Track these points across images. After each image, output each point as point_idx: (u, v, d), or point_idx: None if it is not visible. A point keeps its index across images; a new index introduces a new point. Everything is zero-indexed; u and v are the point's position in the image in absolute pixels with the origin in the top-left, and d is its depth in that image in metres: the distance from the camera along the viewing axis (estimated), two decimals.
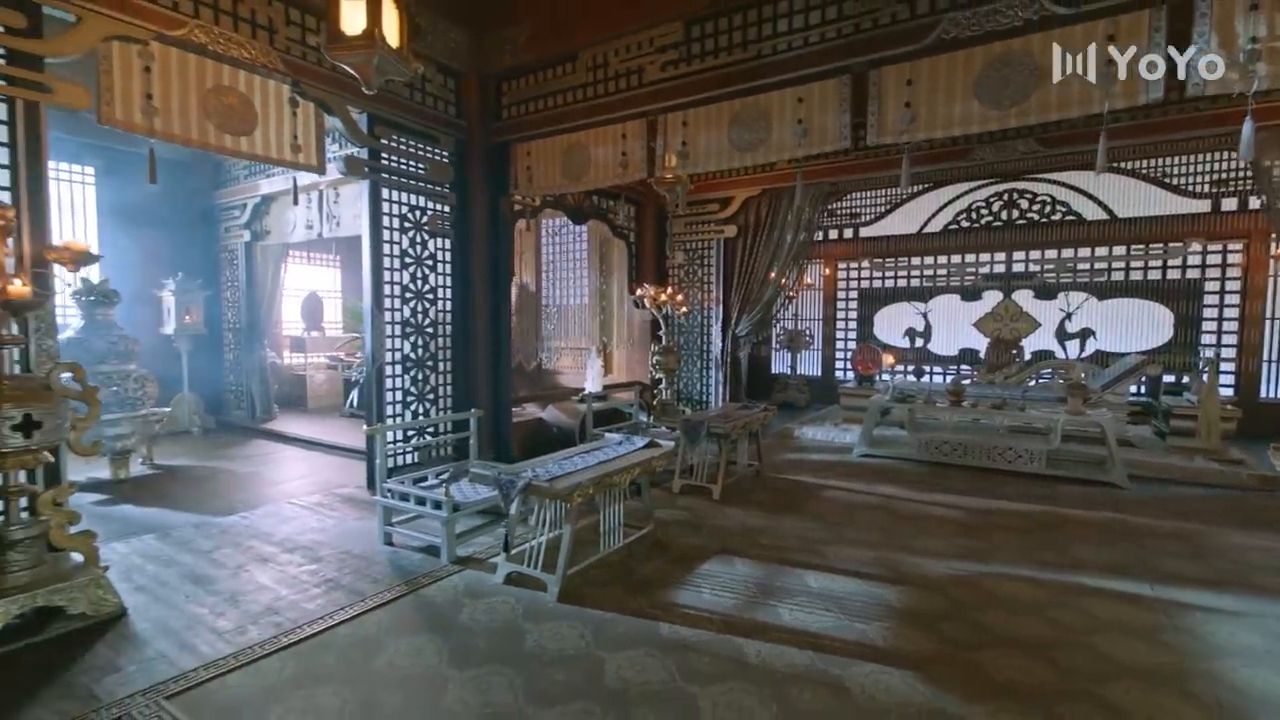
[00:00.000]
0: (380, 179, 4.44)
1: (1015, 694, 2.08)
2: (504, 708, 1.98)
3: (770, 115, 3.92)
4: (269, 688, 2.07)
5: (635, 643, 2.38)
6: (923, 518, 4.00)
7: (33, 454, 2.40)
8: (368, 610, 2.62)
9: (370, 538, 3.48)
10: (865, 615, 2.63)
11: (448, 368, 5.01)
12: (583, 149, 4.72)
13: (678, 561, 3.22)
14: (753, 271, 6.76)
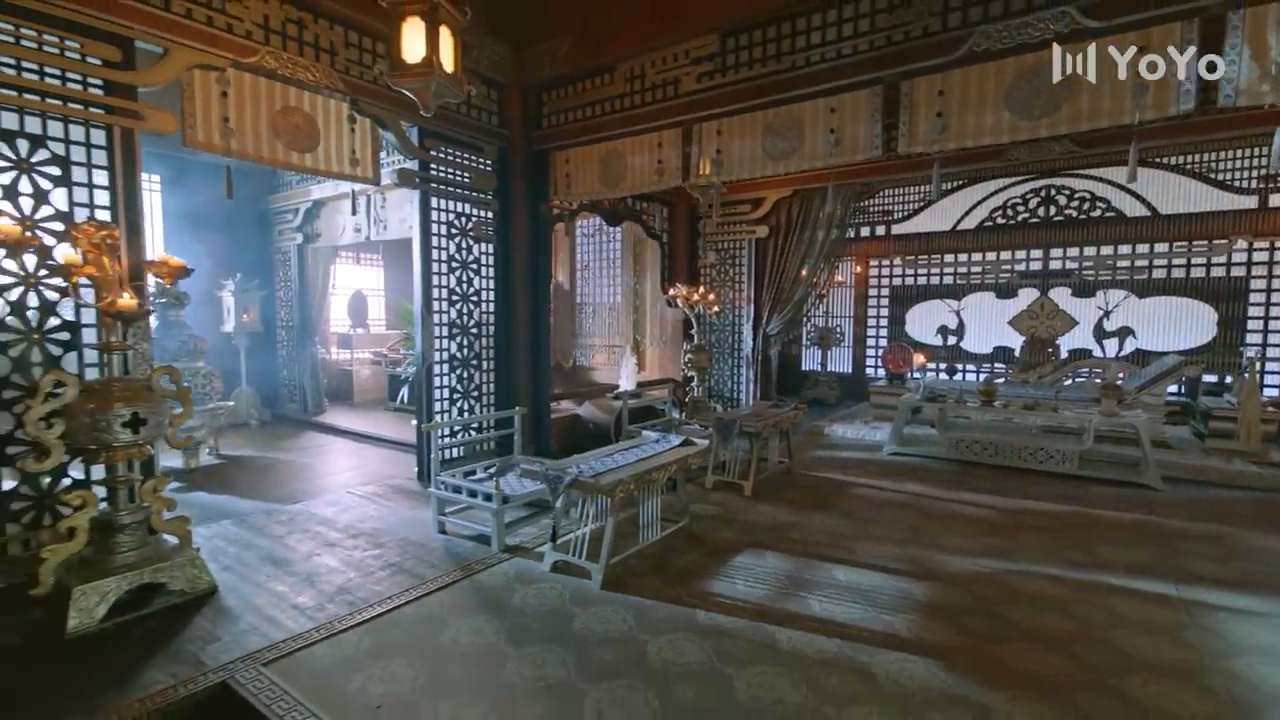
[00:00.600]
0: (429, 188, 4.70)
1: (1034, 684, 2.22)
2: (558, 681, 2.20)
3: (803, 124, 4.04)
4: (349, 658, 2.33)
5: (674, 627, 2.58)
6: (950, 516, 4.10)
7: (139, 448, 2.70)
8: (429, 592, 2.88)
9: (425, 526, 3.75)
10: (891, 608, 2.77)
11: (491, 366, 5.27)
12: (620, 157, 4.90)
13: (712, 554, 3.40)
14: (784, 271, 6.86)
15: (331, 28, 3.94)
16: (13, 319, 2.87)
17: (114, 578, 2.58)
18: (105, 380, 2.65)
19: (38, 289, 2.93)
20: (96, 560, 2.64)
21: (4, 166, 2.84)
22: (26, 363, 2.90)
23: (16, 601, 2.61)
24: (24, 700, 2.05)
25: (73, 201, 3.01)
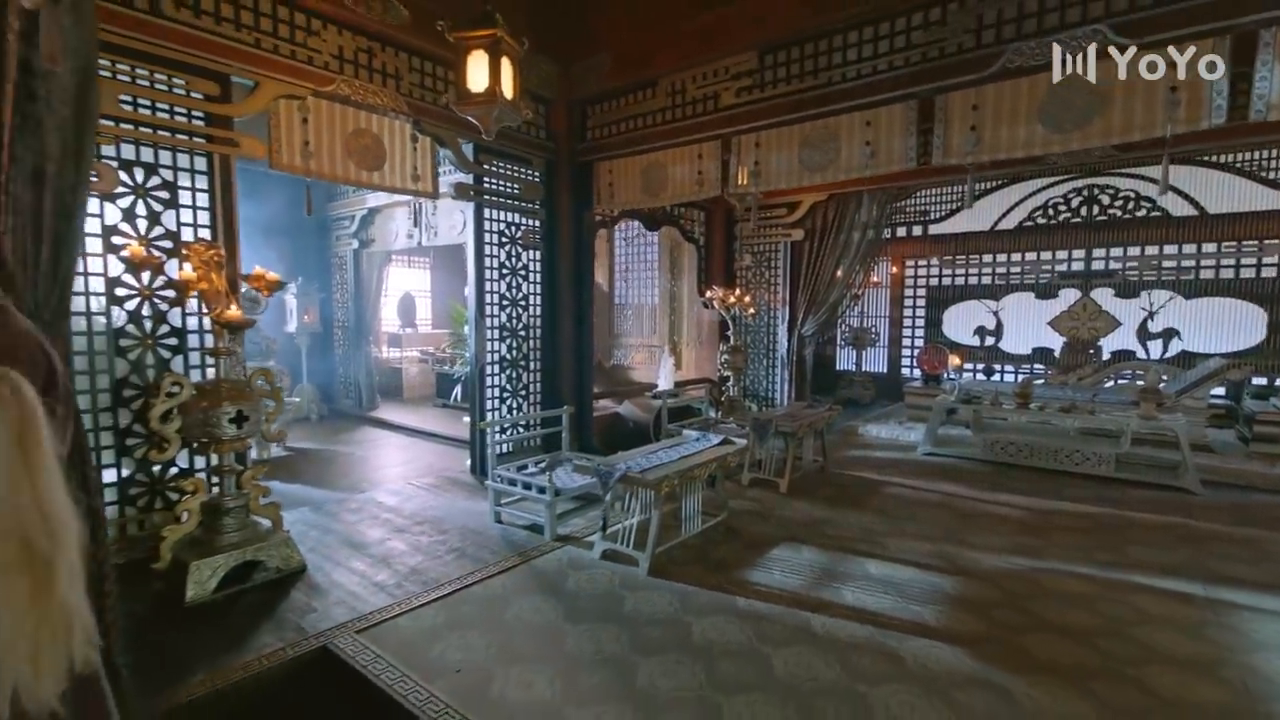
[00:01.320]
0: (483, 200, 5.01)
1: (1055, 671, 2.38)
2: (613, 654, 2.46)
3: (839, 137, 4.21)
4: (429, 629, 2.63)
5: (716, 611, 2.81)
6: (983, 515, 4.22)
7: (241, 441, 3.06)
8: (492, 575, 3.17)
9: (482, 516, 4.06)
10: (921, 599, 2.95)
11: (537, 367, 5.57)
12: (661, 167, 5.13)
13: (749, 546, 3.62)
14: (819, 274, 6.99)
15: (396, 55, 4.27)
16: (131, 326, 3.26)
17: (222, 555, 2.94)
18: (214, 381, 3.02)
19: (151, 300, 3.31)
20: (206, 540, 3.01)
21: (124, 192, 3.23)
22: (142, 365, 3.30)
23: (139, 575, 2.99)
24: (164, 658, 2.40)
25: (180, 222, 3.39)
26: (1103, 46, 3.14)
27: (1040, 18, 3.35)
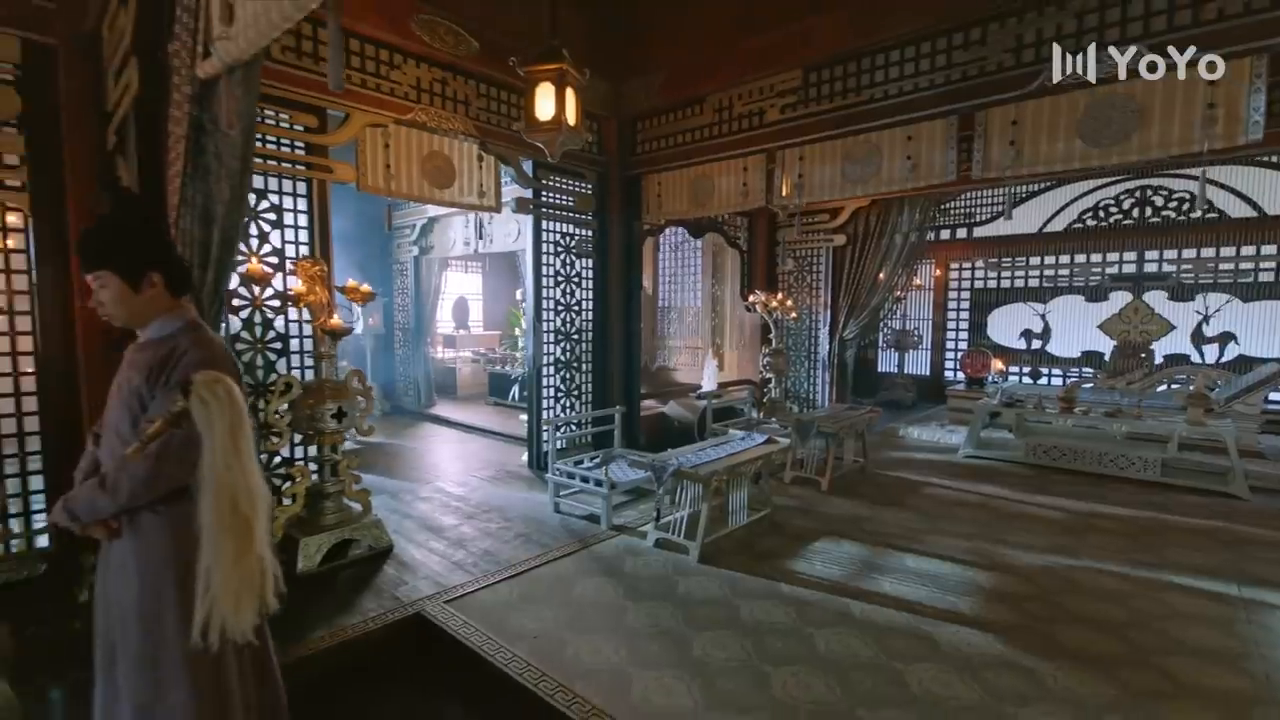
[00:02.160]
0: (541, 213, 5.37)
1: (1082, 658, 2.56)
2: (670, 628, 2.75)
3: (881, 151, 4.39)
4: (506, 602, 2.98)
5: (762, 595, 3.07)
6: (1021, 516, 4.35)
7: (339, 435, 3.48)
8: (557, 558, 3.51)
9: (542, 506, 4.41)
10: (956, 590, 3.15)
11: (589, 369, 5.91)
12: (708, 179, 5.40)
13: (792, 539, 3.86)
14: (861, 279, 7.13)
15: (466, 82, 4.65)
16: (244, 332, 3.72)
17: (325, 533, 3.36)
18: (319, 381, 3.44)
19: (261, 309, 3.77)
20: (310, 520, 3.44)
21: None
22: (253, 366, 3.76)
23: None
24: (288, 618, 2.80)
25: (284, 240, 3.84)
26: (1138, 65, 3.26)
27: (1079, 38, 3.47)
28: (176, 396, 1.59)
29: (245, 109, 2.11)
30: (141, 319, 1.74)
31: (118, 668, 1.71)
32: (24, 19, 2.86)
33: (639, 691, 2.29)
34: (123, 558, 1.69)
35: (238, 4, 1.84)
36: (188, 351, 1.69)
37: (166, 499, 1.66)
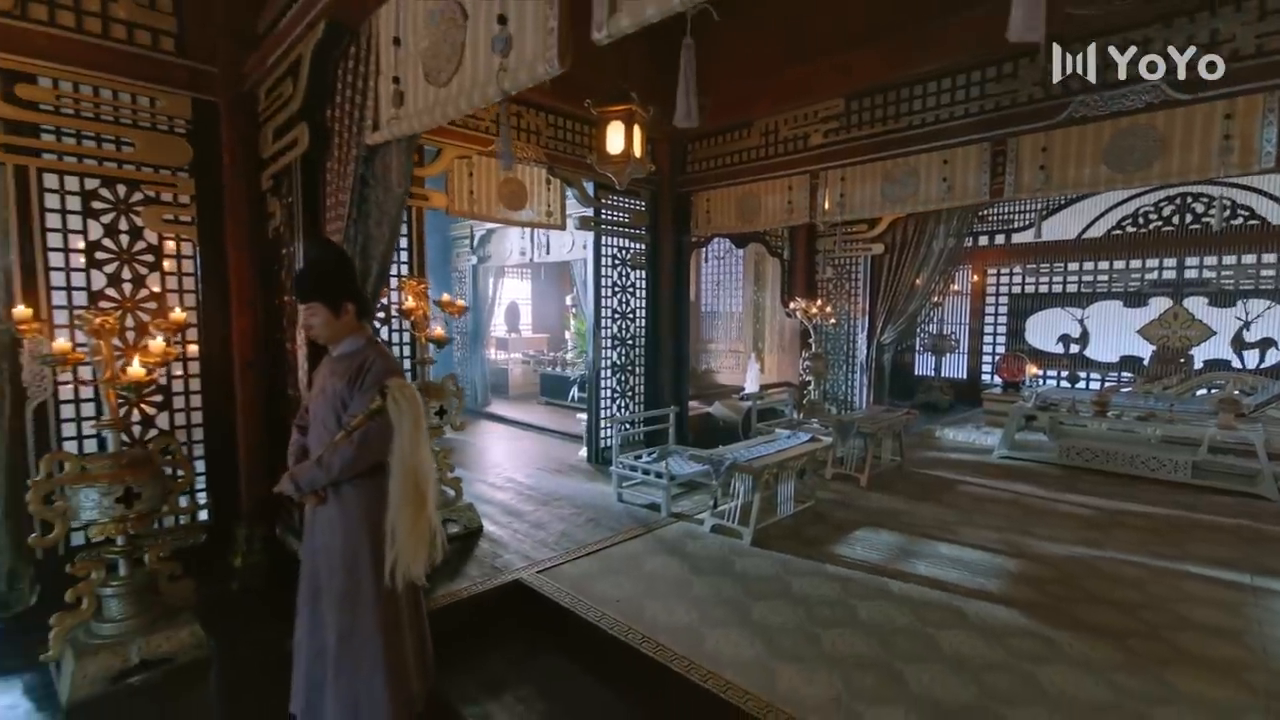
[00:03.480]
0: (601, 229, 5.88)
1: (1097, 630, 2.91)
2: (731, 597, 3.21)
3: (918, 173, 4.76)
4: (587, 574, 3.47)
5: (809, 574, 3.50)
6: (1051, 513, 4.66)
7: (439, 430, 4.03)
8: (625, 540, 3.99)
9: (605, 496, 4.91)
10: (985, 574, 3.52)
11: (642, 372, 6.38)
12: (754, 197, 5.82)
13: (834, 528, 4.26)
14: (898, 286, 7.44)
15: (537, 115, 5.17)
16: None
17: None
18: (422, 383, 4.00)
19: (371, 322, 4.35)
20: None
21: None
22: None
23: None
24: None
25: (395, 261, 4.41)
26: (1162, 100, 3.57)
27: (1104, 73, 3.80)
28: (375, 396, 2.13)
29: (407, 170, 2.65)
30: (337, 338, 2.28)
31: (322, 602, 2.24)
32: (194, 82, 3.47)
33: (710, 644, 2.75)
34: (329, 518, 2.23)
35: (408, 93, 2.36)
36: (376, 362, 2.22)
37: (362, 474, 2.19)
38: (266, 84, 3.34)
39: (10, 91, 2.99)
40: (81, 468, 2.69)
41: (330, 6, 2.56)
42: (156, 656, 2.78)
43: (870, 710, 2.31)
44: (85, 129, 3.20)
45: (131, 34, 3.28)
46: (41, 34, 3.03)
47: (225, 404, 3.68)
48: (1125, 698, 2.40)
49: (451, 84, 2.12)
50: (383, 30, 2.49)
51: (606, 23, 1.60)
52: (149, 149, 3.36)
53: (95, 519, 2.70)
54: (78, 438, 3.25)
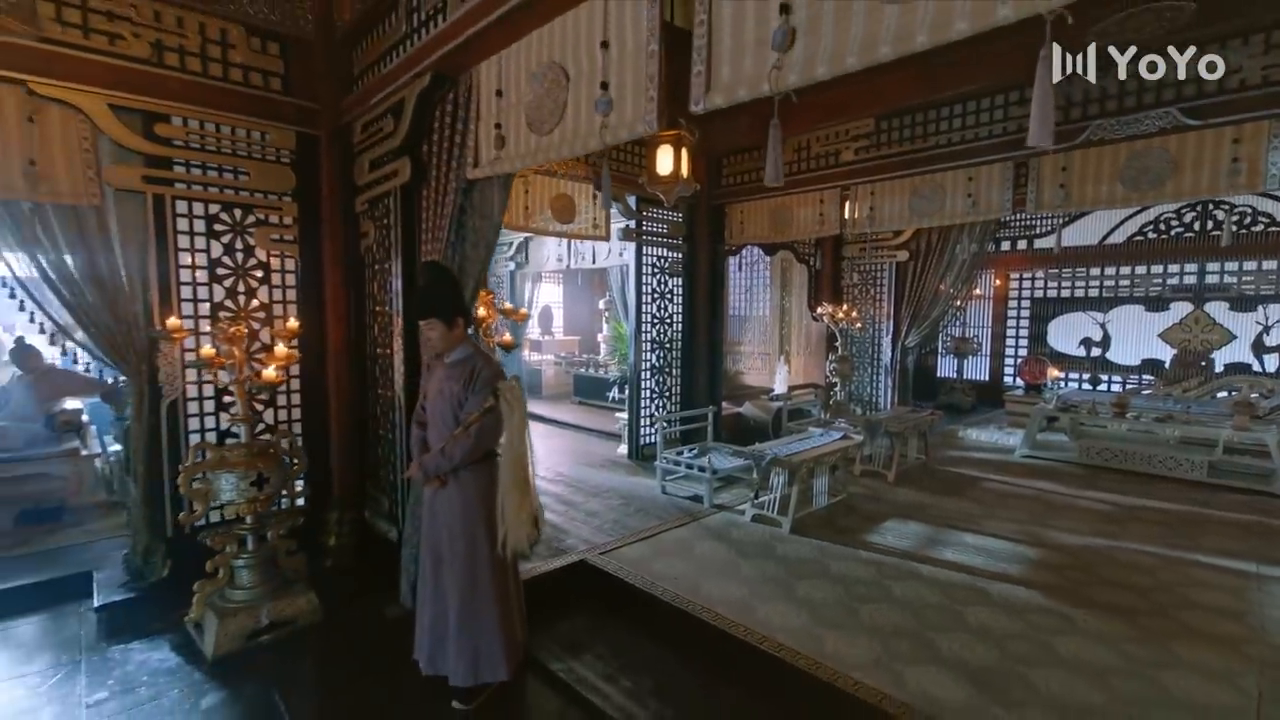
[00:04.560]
0: (642, 240, 6.27)
1: (1109, 609, 3.23)
2: (776, 577, 3.57)
3: (944, 188, 5.08)
4: (643, 557, 3.86)
5: (845, 558, 3.86)
6: (1070, 508, 4.95)
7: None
8: (674, 527, 4.38)
9: (650, 488, 5.29)
10: (1007, 560, 3.84)
11: (678, 373, 6.76)
12: (787, 209, 6.18)
13: (865, 519, 4.61)
14: (922, 292, 7.73)
15: None
16: None
17: None
18: None
19: None
20: None
21: None
22: None
23: None
24: None
25: None
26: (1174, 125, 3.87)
27: (1120, 99, 4.10)
28: (488, 396, 2.54)
29: (504, 200, 3.07)
30: (450, 347, 2.69)
31: (443, 570, 2.66)
32: (299, 118, 3.92)
33: (762, 614, 3.12)
34: (448, 498, 2.64)
35: (509, 138, 2.77)
36: (484, 368, 2.63)
37: (476, 461, 2.60)
38: (363, 119, 3.78)
39: (150, 130, 3.45)
40: (221, 456, 3.14)
41: (437, 61, 2.98)
42: (281, 619, 3.23)
43: (907, 669, 2.67)
44: (209, 161, 3.66)
45: (247, 76, 3.73)
46: (174, 79, 3.49)
47: (320, 402, 4.14)
48: (1133, 663, 2.73)
49: (554, 134, 2.52)
50: (484, 82, 2.90)
51: (704, 99, 1.99)
52: (260, 177, 3.82)
53: (232, 499, 3.16)
54: (200, 430, 3.72)
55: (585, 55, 2.33)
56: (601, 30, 2.24)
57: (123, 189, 3.42)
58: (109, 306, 3.44)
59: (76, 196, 3.30)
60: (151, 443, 3.58)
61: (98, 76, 3.25)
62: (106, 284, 3.45)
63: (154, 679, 2.85)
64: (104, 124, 3.29)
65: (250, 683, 2.83)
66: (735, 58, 1.88)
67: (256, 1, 3.70)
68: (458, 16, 2.77)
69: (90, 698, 2.71)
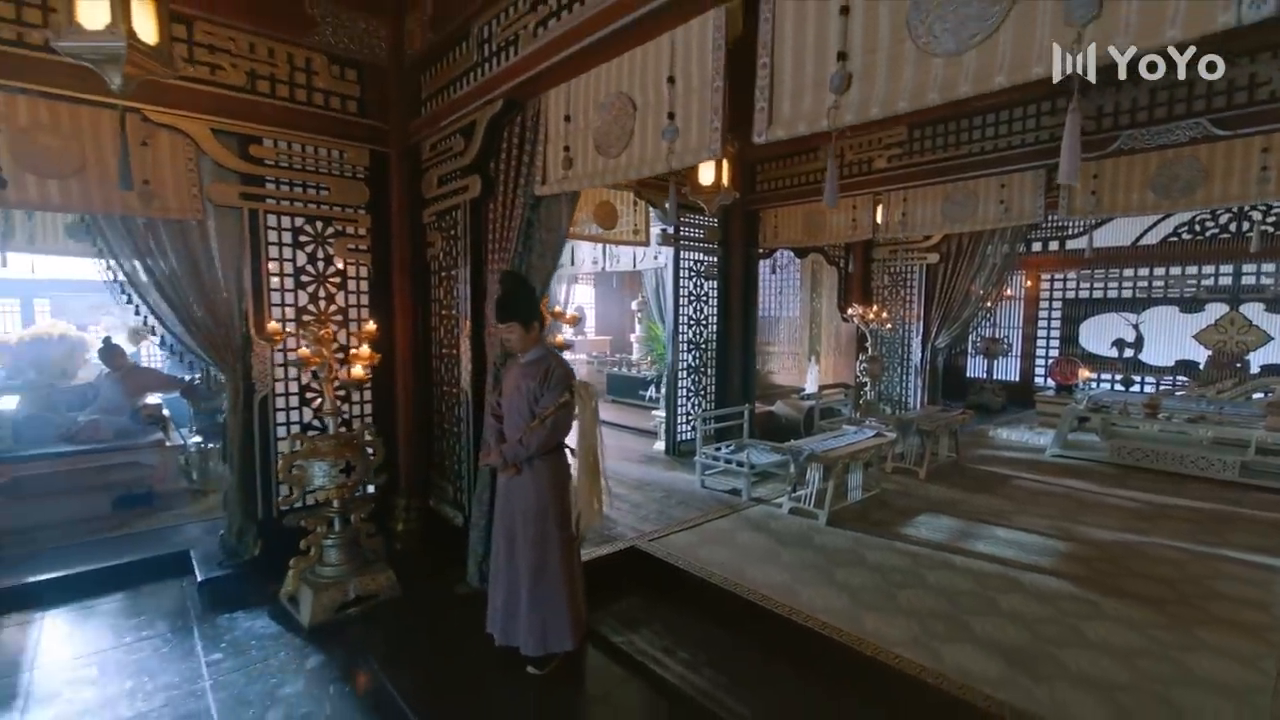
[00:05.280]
0: (680, 245, 6.53)
1: (1137, 597, 3.41)
2: (815, 564, 3.81)
3: (977, 195, 5.24)
4: (690, 544, 4.13)
5: (881, 548, 4.07)
6: (1100, 505, 5.09)
7: None
8: (716, 518, 4.63)
9: (689, 482, 5.56)
10: (1038, 553, 4.02)
11: (713, 373, 7.01)
12: (820, 214, 6.38)
13: (898, 513, 4.81)
14: (952, 293, 7.85)
15: None
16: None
17: None
18: None
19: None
20: None
21: None
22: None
23: None
24: None
25: None
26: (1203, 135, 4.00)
27: (1151, 110, 4.23)
28: (564, 392, 2.83)
29: (569, 214, 3.36)
30: (526, 348, 2.99)
31: (515, 550, 2.95)
32: (371, 137, 4.26)
33: (805, 597, 3.37)
34: (522, 484, 2.93)
35: (577, 159, 3.06)
36: (557, 367, 2.93)
37: (549, 451, 2.89)
38: (432, 139, 4.11)
39: (246, 151, 3.82)
40: (314, 446, 3.49)
41: (508, 89, 3.28)
42: (366, 593, 3.57)
43: (944, 646, 2.89)
44: (295, 178, 4.02)
45: (327, 100, 4.08)
46: (266, 104, 3.85)
47: (388, 398, 4.48)
48: (1158, 646, 2.92)
49: (621, 157, 2.79)
50: (552, 107, 3.19)
51: (766, 131, 2.24)
52: (339, 192, 4.17)
53: (323, 485, 3.50)
54: (286, 424, 4.08)
55: (652, 88, 2.60)
56: (669, 67, 2.51)
57: (222, 205, 3.79)
58: (209, 310, 3.82)
59: (183, 212, 3.68)
60: (245, 434, 3.95)
61: (202, 104, 3.62)
62: (207, 289, 3.82)
63: (261, 643, 3.21)
64: (207, 146, 3.67)
65: (344, 648, 3.16)
66: (795, 97, 2.13)
67: (338, 32, 4.05)
68: (530, 51, 3.06)
69: (208, 658, 3.07)
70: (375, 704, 2.75)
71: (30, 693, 2.81)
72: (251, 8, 3.67)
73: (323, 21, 3.98)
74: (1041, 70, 1.58)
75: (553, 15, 2.92)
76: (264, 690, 2.82)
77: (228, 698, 2.77)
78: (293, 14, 3.87)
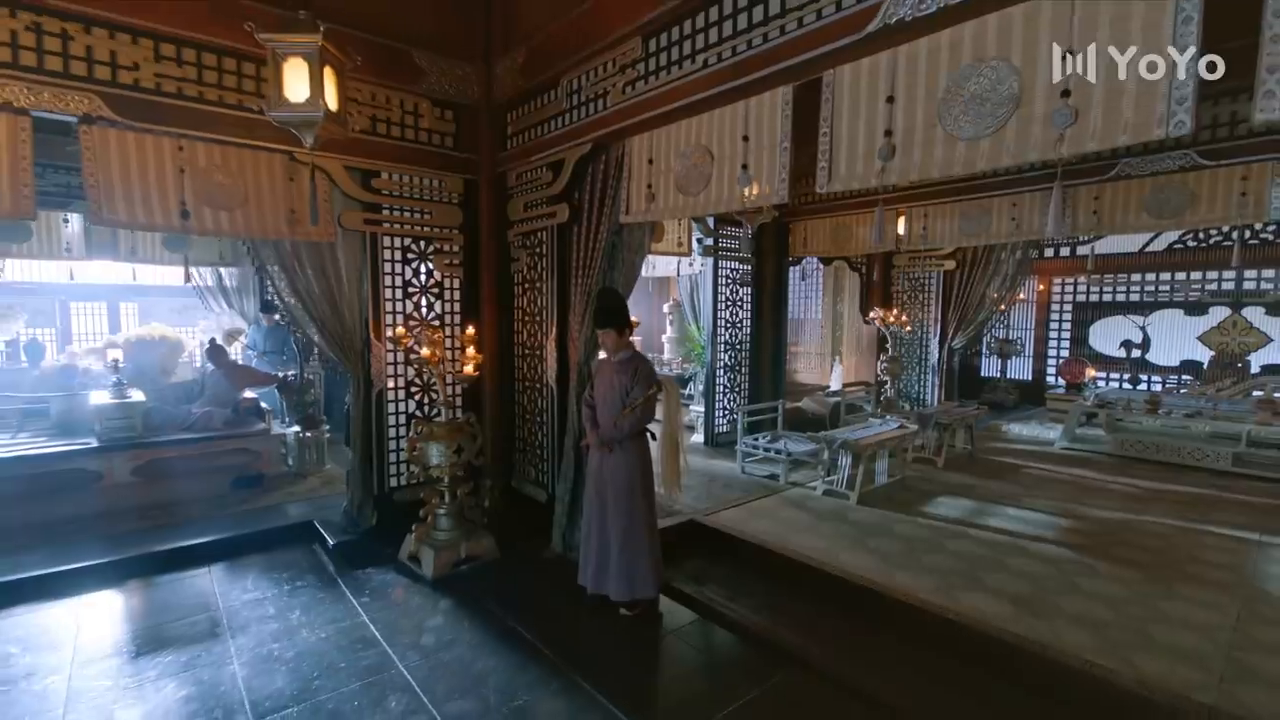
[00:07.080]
0: (719, 255, 7.19)
1: (1126, 561, 4.02)
2: (849, 534, 4.46)
3: (991, 212, 5.85)
4: (738, 520, 4.79)
5: (905, 523, 4.71)
6: (1102, 490, 5.68)
7: None
8: (758, 499, 5.29)
9: (730, 469, 6.22)
10: (1043, 527, 4.64)
11: (746, 372, 7.67)
12: (847, 227, 7.01)
13: (920, 495, 5.44)
14: (968, 298, 8.45)
15: None
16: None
17: None
18: None
19: None
20: None
21: None
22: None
23: None
24: None
25: None
26: (1191, 164, 4.60)
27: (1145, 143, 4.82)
28: (652, 386, 3.51)
29: (651, 237, 4.04)
30: (619, 350, 3.67)
31: (607, 513, 3.63)
32: (465, 167, 4.96)
33: (842, 559, 4.02)
34: (615, 461, 3.61)
35: (659, 195, 3.73)
36: (645, 365, 3.60)
37: (636, 434, 3.57)
38: (518, 169, 4.80)
39: (369, 183, 4.54)
40: (431, 430, 4.20)
41: (596, 136, 3.96)
42: (473, 555, 4.27)
43: (961, 594, 3.53)
44: (404, 205, 4.73)
45: (430, 137, 4.78)
46: (384, 143, 4.56)
47: (477, 391, 5.19)
48: (1141, 596, 3.54)
49: (699, 195, 3.45)
50: (636, 152, 3.86)
51: (827, 185, 2.89)
52: (438, 215, 4.88)
53: (439, 463, 4.21)
54: (395, 414, 4.80)
55: (729, 142, 3.26)
56: (744, 127, 3.17)
57: (350, 229, 4.51)
58: (338, 316, 4.54)
59: (321, 235, 4.40)
60: (365, 422, 4.67)
61: (337, 145, 4.31)
62: (337, 299, 4.54)
63: (397, 590, 3.92)
64: (340, 180, 4.38)
65: (466, 594, 3.86)
66: (850, 160, 2.78)
67: (440, 79, 4.75)
68: (618, 107, 3.73)
69: (359, 600, 3.79)
70: (501, 632, 3.45)
71: (228, 624, 3.53)
72: (379, 67, 4.37)
73: (429, 71, 4.68)
74: (1035, 156, 2.23)
75: (640, 79, 3.59)
76: (413, 623, 3.52)
77: (384, 628, 3.47)
78: (407, 67, 4.57)
